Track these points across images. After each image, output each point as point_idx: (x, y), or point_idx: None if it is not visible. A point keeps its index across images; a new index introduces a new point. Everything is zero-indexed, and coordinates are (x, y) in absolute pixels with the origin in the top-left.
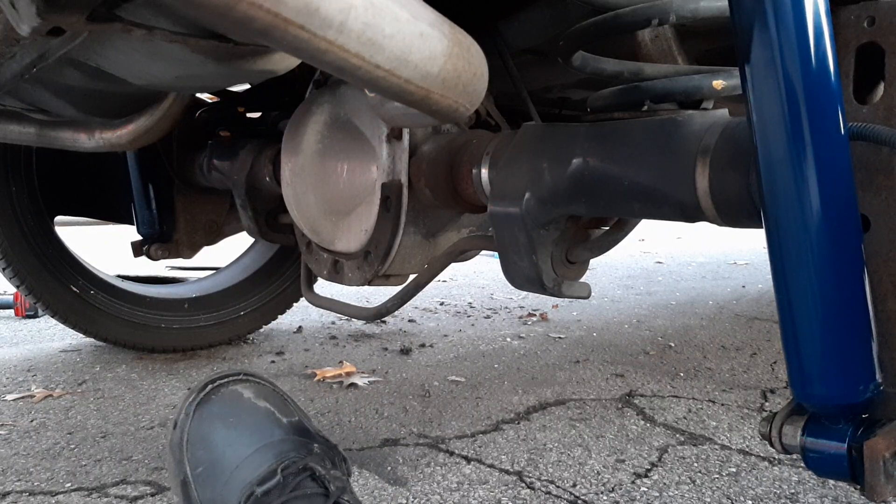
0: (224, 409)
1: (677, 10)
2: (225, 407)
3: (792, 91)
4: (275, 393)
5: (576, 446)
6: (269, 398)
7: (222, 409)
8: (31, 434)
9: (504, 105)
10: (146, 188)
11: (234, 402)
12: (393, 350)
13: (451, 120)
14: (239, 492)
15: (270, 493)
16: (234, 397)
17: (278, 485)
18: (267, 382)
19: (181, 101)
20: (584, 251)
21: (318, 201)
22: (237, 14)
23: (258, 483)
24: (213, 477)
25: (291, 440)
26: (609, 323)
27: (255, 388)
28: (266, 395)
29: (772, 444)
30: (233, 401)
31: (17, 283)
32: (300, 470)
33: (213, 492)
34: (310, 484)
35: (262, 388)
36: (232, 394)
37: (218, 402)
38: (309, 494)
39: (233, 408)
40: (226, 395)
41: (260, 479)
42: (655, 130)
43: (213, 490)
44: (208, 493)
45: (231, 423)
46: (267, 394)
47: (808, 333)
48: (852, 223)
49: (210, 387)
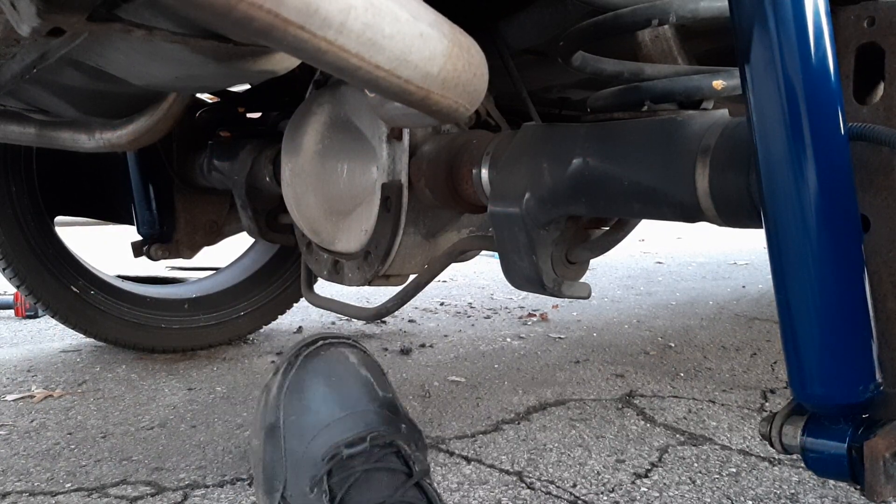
0: (328, 368)
1: (677, 11)
2: (329, 365)
3: (792, 91)
4: (376, 365)
5: (576, 446)
6: (371, 368)
7: (326, 367)
8: (32, 434)
9: (504, 105)
10: (146, 188)
11: (339, 362)
12: (393, 350)
13: (451, 120)
14: (325, 449)
15: (355, 458)
16: (340, 358)
17: (364, 452)
18: (371, 354)
19: (181, 102)
20: (584, 251)
21: (319, 201)
22: (237, 14)
23: (346, 445)
24: (303, 428)
25: (383, 414)
26: (609, 323)
27: (360, 356)
28: (368, 364)
29: (772, 445)
30: (338, 361)
31: (18, 283)
32: (387, 444)
33: (300, 443)
34: (394, 460)
35: (366, 357)
36: (339, 355)
37: (324, 359)
38: (392, 469)
39: (336, 368)
40: (333, 355)
41: (348, 443)
42: (655, 131)
43: (300, 441)
44: (295, 443)
45: (332, 382)
46: (369, 363)
47: (808, 333)
48: (852, 223)
49: (322, 343)
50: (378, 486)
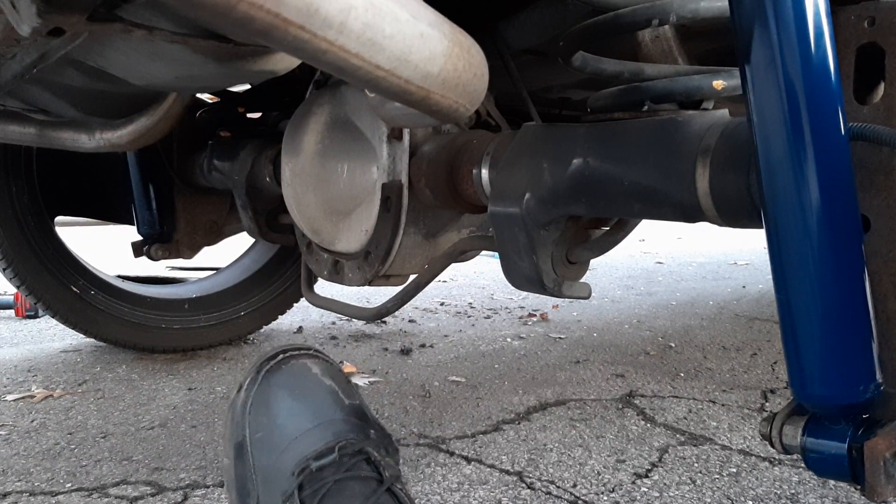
0: (291, 380)
1: (677, 11)
2: (293, 378)
3: (792, 91)
4: (340, 373)
5: (576, 446)
6: (335, 377)
7: (290, 380)
8: (32, 434)
9: (504, 105)
10: (146, 188)
11: (302, 374)
12: (393, 350)
13: (451, 120)
14: (294, 463)
15: (325, 470)
16: (302, 370)
17: (334, 463)
18: (334, 362)
19: (181, 102)
20: (584, 251)
21: (319, 201)
22: (237, 14)
23: (315, 458)
24: (271, 444)
25: (351, 422)
26: (609, 323)
27: (323, 366)
28: (332, 373)
29: (772, 445)
30: (301, 373)
31: (18, 283)
32: (356, 452)
33: (269, 459)
34: (365, 467)
35: (329, 367)
36: (301, 367)
37: (287, 372)
38: (363, 477)
39: (300, 380)
40: (295, 367)
41: (317, 454)
42: (656, 131)
43: (269, 457)
44: (264, 459)
45: (296, 395)
46: (333, 373)
47: (809, 334)
48: (852, 223)
49: (282, 356)
50: (350, 495)
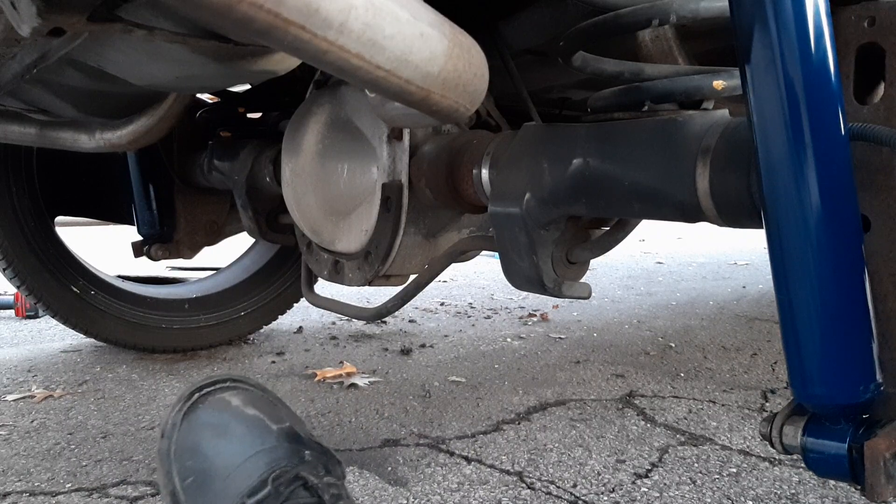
0: (212, 418)
1: (678, 11)
2: (213, 415)
3: (792, 91)
4: (264, 398)
5: (576, 447)
6: (259, 404)
7: (210, 418)
8: (32, 434)
9: (504, 105)
10: (146, 188)
11: (222, 409)
12: (393, 350)
13: (451, 120)
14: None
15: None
16: (221, 405)
17: (269, 496)
18: (255, 387)
19: (181, 102)
20: (584, 251)
21: (319, 202)
22: (237, 14)
23: (248, 494)
24: (203, 488)
25: (282, 448)
26: (609, 323)
27: (244, 395)
28: (255, 401)
29: (772, 445)
30: (221, 408)
31: (18, 283)
32: (292, 479)
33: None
34: (303, 493)
35: (250, 394)
36: (220, 401)
37: (205, 410)
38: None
39: (221, 416)
40: (213, 403)
41: (250, 491)
42: (656, 131)
43: (203, 502)
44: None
45: (220, 432)
46: (256, 400)
47: (809, 334)
48: (852, 223)
49: (197, 395)
50: None
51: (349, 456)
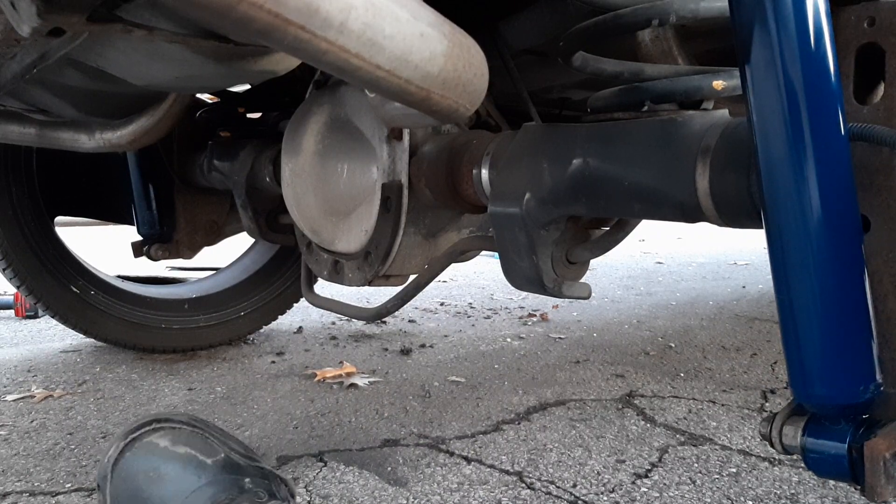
0: (143, 464)
1: (677, 11)
2: (143, 461)
3: (792, 91)
4: (193, 433)
5: (576, 447)
6: (189, 441)
7: (141, 464)
8: (32, 434)
9: (504, 105)
10: (146, 188)
11: (151, 453)
12: (393, 350)
13: (451, 120)
14: None
15: None
16: (150, 449)
17: None
18: (184, 423)
19: (181, 102)
20: (584, 251)
21: (319, 202)
22: (237, 14)
23: None
24: None
25: (220, 481)
26: (609, 323)
27: (171, 434)
28: (184, 438)
29: (772, 445)
30: (150, 453)
31: (18, 283)
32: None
33: None
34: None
35: (178, 433)
36: (147, 445)
37: (135, 457)
38: None
39: (152, 460)
40: (142, 448)
41: None
42: (656, 131)
43: None
44: None
45: (153, 478)
46: (185, 437)
47: (809, 334)
48: (852, 223)
49: (122, 443)
50: None
51: (349, 456)
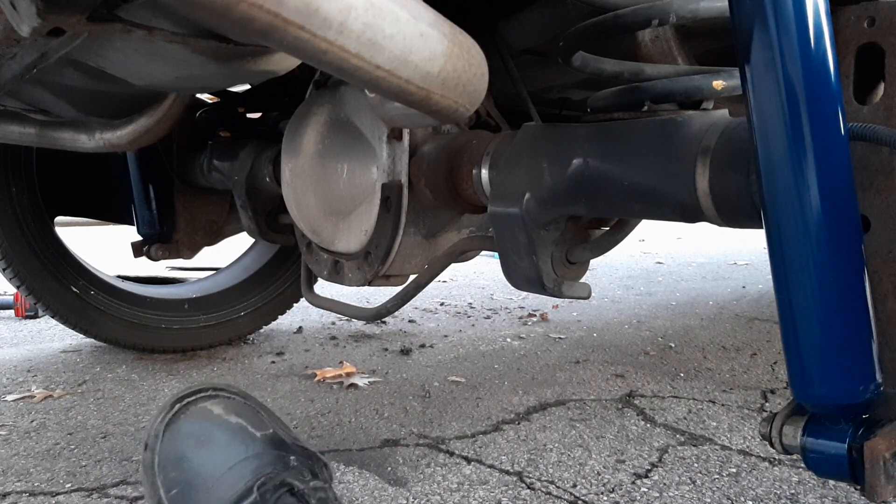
0: (194, 428)
1: (677, 11)
2: (195, 425)
3: (792, 91)
4: (246, 405)
5: (576, 447)
6: (241, 412)
7: (193, 428)
8: (32, 434)
9: (504, 105)
10: (146, 188)
11: (204, 419)
12: (393, 350)
13: (451, 120)
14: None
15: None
16: (203, 414)
17: (255, 503)
18: (237, 394)
19: (181, 102)
20: (584, 252)
21: (319, 202)
22: (237, 14)
23: (234, 502)
24: (189, 499)
25: (267, 454)
26: (609, 323)
27: (225, 403)
28: (237, 408)
29: (772, 445)
30: (203, 418)
31: (18, 283)
32: (278, 486)
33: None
34: (289, 499)
35: (232, 402)
36: (201, 411)
37: (187, 420)
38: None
39: (203, 425)
40: (195, 413)
41: (236, 499)
42: (655, 131)
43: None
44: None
45: (203, 442)
46: (238, 407)
47: (809, 334)
48: (852, 223)
49: (178, 405)
50: None
51: (349, 456)
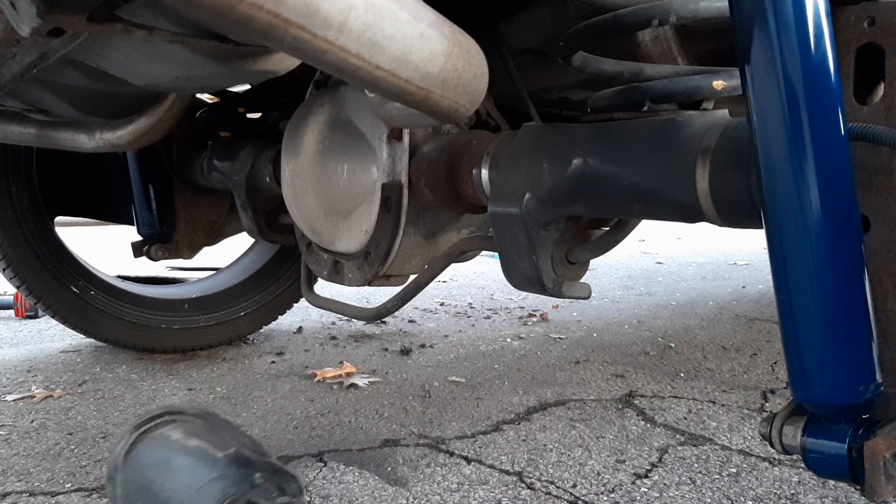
0: (155, 456)
1: (677, 11)
2: (155, 453)
3: (792, 91)
4: (205, 427)
5: (576, 447)
6: (201, 434)
7: (153, 456)
8: (32, 434)
9: (504, 105)
10: (146, 189)
11: (163, 446)
12: (393, 350)
13: (451, 120)
14: None
15: None
16: (161, 441)
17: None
18: (197, 416)
19: (181, 102)
20: (584, 252)
21: (319, 202)
22: (237, 14)
23: None
24: None
25: (230, 474)
26: (609, 323)
27: (184, 428)
28: (197, 431)
29: (772, 445)
30: (161, 445)
31: (18, 283)
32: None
33: None
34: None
35: (190, 425)
36: (159, 438)
37: (146, 449)
38: None
39: (163, 453)
40: (154, 441)
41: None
42: (656, 131)
43: None
44: None
45: (164, 470)
46: (197, 430)
47: (809, 334)
48: (852, 223)
49: (135, 434)
50: None
51: (349, 456)
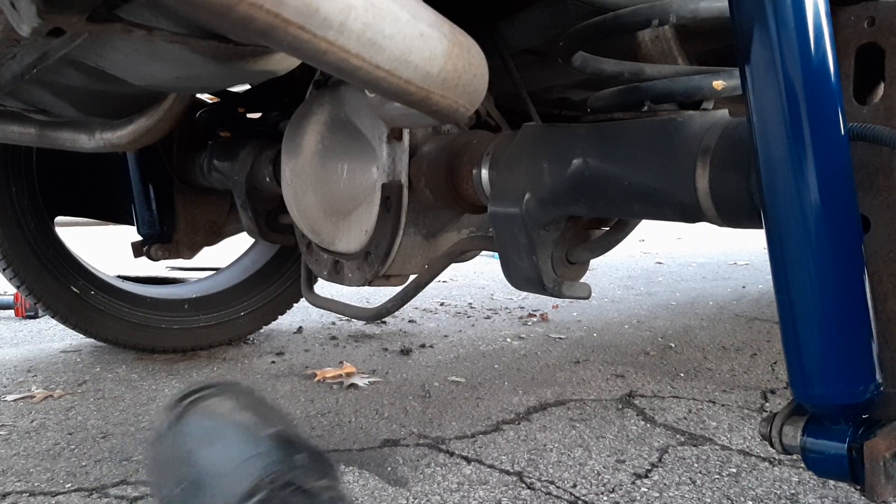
0: (202, 425)
1: (677, 11)
2: (202, 422)
3: (792, 91)
4: (254, 403)
5: (576, 447)
6: (250, 408)
7: (200, 425)
8: (32, 434)
9: (504, 105)
10: (146, 189)
11: (211, 416)
12: (393, 350)
13: (451, 120)
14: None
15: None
16: (210, 411)
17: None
18: (245, 392)
19: (181, 102)
20: (584, 252)
21: (319, 202)
22: (237, 14)
23: (241, 500)
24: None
25: (274, 453)
26: (609, 323)
27: (234, 400)
28: (245, 405)
29: (772, 445)
30: (210, 415)
31: (18, 283)
32: (285, 484)
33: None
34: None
35: (241, 399)
36: (208, 408)
37: (195, 417)
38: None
39: (210, 423)
40: (203, 410)
41: (243, 496)
42: (656, 131)
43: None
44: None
45: (210, 439)
46: (247, 404)
47: (809, 334)
48: (852, 223)
49: (186, 401)
50: None
51: (349, 456)
